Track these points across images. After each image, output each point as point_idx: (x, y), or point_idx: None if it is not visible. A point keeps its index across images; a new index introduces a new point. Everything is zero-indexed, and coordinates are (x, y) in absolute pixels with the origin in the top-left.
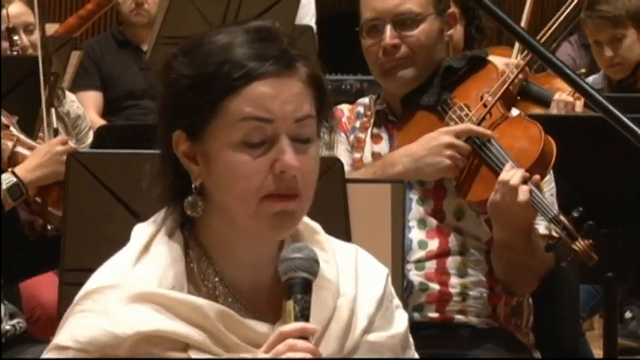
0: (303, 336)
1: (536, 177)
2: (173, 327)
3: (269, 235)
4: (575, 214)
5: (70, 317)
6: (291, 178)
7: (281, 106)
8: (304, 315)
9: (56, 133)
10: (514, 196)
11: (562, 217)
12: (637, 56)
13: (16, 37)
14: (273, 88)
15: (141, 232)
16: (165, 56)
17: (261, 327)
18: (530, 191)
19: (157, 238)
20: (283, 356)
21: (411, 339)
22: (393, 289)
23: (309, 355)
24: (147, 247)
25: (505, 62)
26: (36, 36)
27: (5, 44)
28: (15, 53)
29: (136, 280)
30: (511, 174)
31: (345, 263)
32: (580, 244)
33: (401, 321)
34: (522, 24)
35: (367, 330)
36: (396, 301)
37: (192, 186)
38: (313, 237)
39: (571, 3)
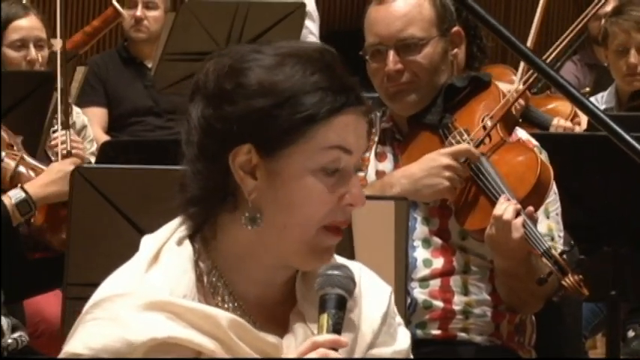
0: (334, 348)
1: (530, 209)
2: (187, 334)
3: (308, 264)
4: (567, 249)
5: (81, 325)
6: (351, 211)
7: (358, 139)
8: (336, 330)
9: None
10: (508, 232)
11: (554, 252)
12: None
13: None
14: (355, 121)
15: (150, 241)
16: (241, 60)
17: (270, 338)
18: (524, 224)
19: (165, 247)
20: None
21: (411, 356)
22: (395, 308)
23: None
24: (156, 257)
25: (507, 89)
26: (46, 52)
27: (17, 54)
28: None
29: (148, 288)
30: (504, 208)
31: None
32: (570, 280)
33: (404, 338)
34: (529, 44)
35: (371, 345)
36: (399, 319)
37: (249, 201)
38: None
39: (578, 24)
